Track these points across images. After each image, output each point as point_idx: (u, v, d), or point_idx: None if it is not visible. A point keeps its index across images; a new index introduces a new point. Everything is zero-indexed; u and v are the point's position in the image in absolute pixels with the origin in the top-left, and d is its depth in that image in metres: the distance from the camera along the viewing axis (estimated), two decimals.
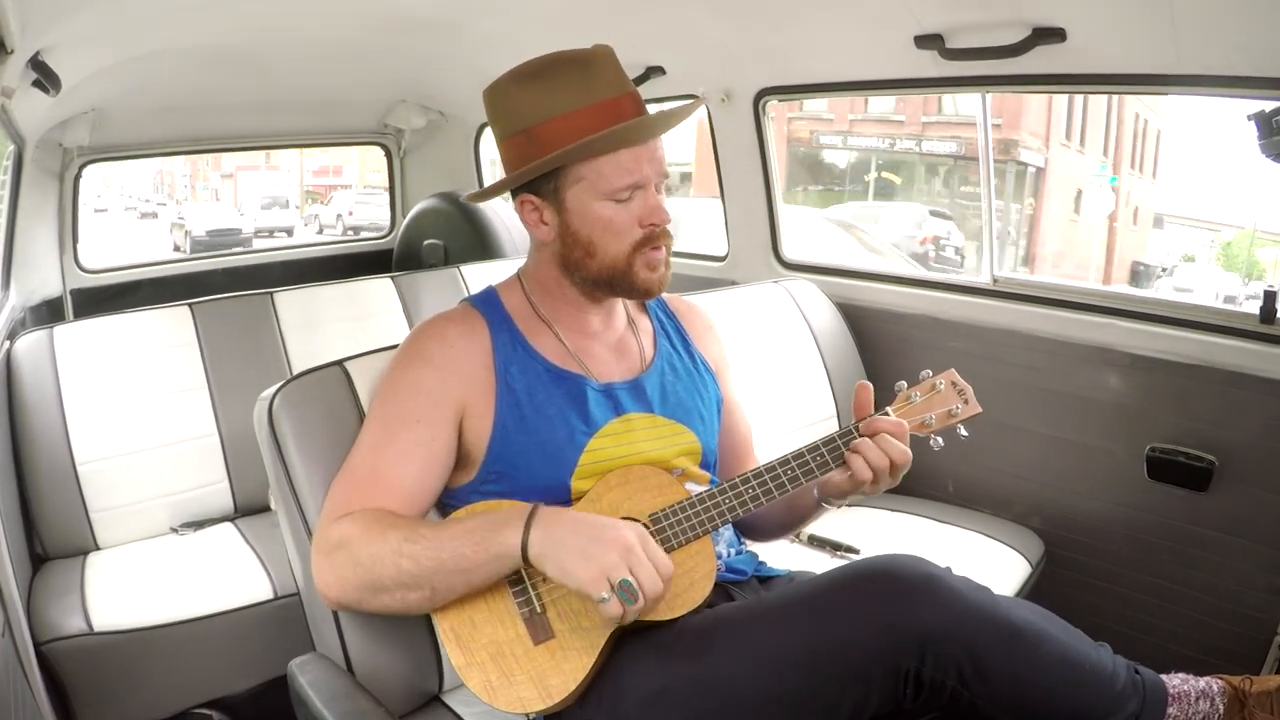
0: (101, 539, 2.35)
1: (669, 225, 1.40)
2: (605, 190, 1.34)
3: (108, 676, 1.96)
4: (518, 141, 1.37)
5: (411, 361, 1.39)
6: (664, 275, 1.41)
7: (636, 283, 1.39)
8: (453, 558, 1.23)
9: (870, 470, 1.30)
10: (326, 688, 1.35)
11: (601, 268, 1.38)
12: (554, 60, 1.36)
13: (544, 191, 1.38)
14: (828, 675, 1.16)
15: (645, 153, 1.35)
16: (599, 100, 1.34)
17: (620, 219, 1.36)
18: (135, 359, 2.47)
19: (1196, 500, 2.03)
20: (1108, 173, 15.88)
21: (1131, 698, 1.19)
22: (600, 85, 1.35)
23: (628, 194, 1.35)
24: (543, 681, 1.25)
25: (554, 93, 1.34)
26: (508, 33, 2.72)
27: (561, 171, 1.35)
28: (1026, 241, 16.47)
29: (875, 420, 1.33)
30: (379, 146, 4.20)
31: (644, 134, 1.35)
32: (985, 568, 2.01)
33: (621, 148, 1.33)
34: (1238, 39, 1.76)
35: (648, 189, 1.36)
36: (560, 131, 1.32)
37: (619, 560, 1.17)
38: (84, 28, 2.15)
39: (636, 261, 1.38)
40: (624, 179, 1.34)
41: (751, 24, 2.40)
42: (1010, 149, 15.49)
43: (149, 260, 3.80)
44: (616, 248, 1.37)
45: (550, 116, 1.33)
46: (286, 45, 2.89)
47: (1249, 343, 1.95)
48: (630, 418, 1.42)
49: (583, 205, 1.36)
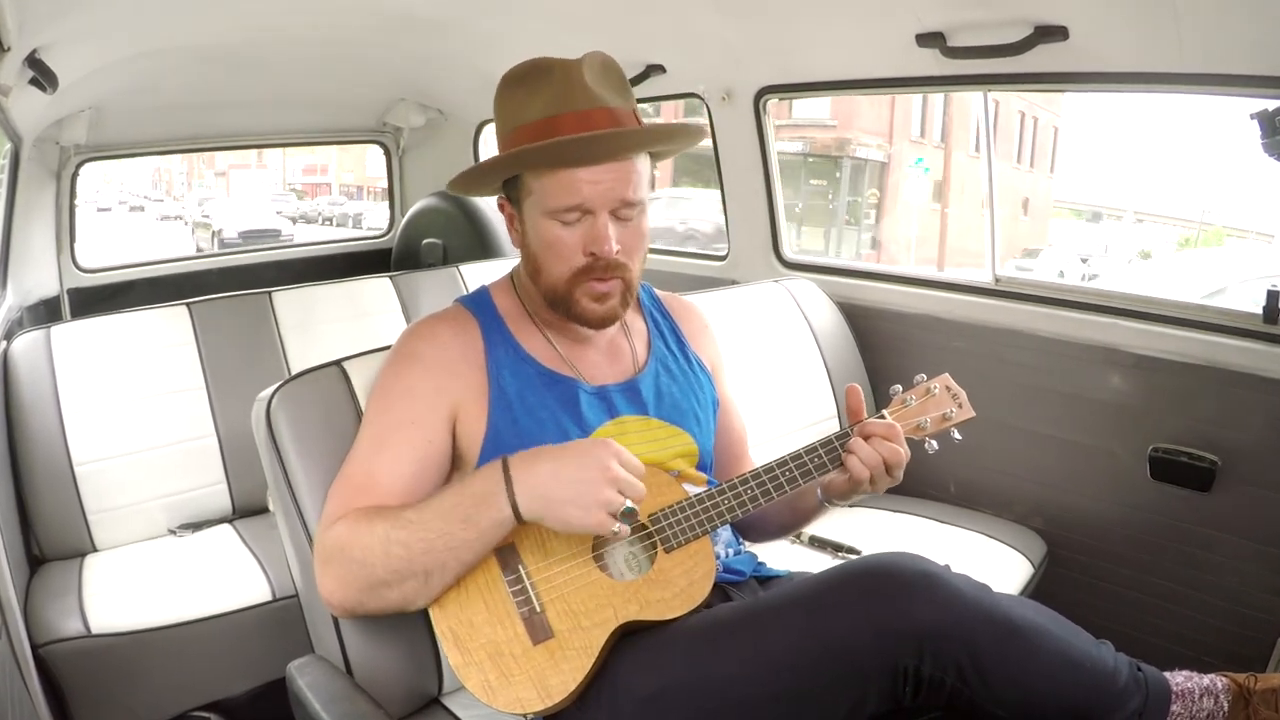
0: (99, 540, 2.34)
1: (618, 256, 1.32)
2: (549, 208, 1.31)
3: (105, 679, 1.95)
4: (502, 143, 1.36)
5: (403, 363, 1.39)
6: (612, 309, 1.36)
7: (575, 310, 1.35)
8: (441, 537, 1.22)
9: (866, 470, 1.30)
10: (325, 690, 1.34)
11: (546, 288, 1.37)
12: (534, 65, 1.34)
13: (513, 199, 1.37)
14: (826, 674, 1.15)
15: (595, 175, 1.28)
16: (566, 111, 1.30)
17: (565, 241, 1.32)
18: (132, 359, 2.46)
19: (1199, 501, 2.03)
20: (923, 164, 17.69)
21: (1134, 695, 1.19)
22: (573, 96, 1.30)
23: (575, 216, 1.30)
24: (542, 681, 1.25)
25: (529, 98, 1.32)
26: (507, 31, 2.71)
27: (519, 181, 1.34)
28: (875, 226, 18.49)
29: (867, 423, 1.33)
30: (378, 145, 4.19)
31: (585, 154, 1.28)
32: (987, 568, 2.00)
33: (568, 164, 1.28)
34: (1241, 37, 1.75)
35: (597, 215, 1.30)
36: (526, 137, 1.30)
37: (611, 493, 1.19)
38: (82, 25, 2.15)
39: (576, 289, 1.34)
40: (564, 199, 1.29)
41: (752, 22, 2.39)
42: (845, 146, 17.25)
43: (146, 259, 3.78)
44: (557, 271, 1.34)
45: (520, 122, 1.32)
46: (285, 43, 2.88)
47: (1252, 343, 1.94)
48: (624, 420, 1.42)
49: (534, 219, 1.34)
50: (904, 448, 1.33)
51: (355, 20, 2.66)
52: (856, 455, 1.31)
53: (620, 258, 1.32)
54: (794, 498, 1.37)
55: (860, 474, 1.31)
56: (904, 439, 1.33)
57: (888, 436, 1.32)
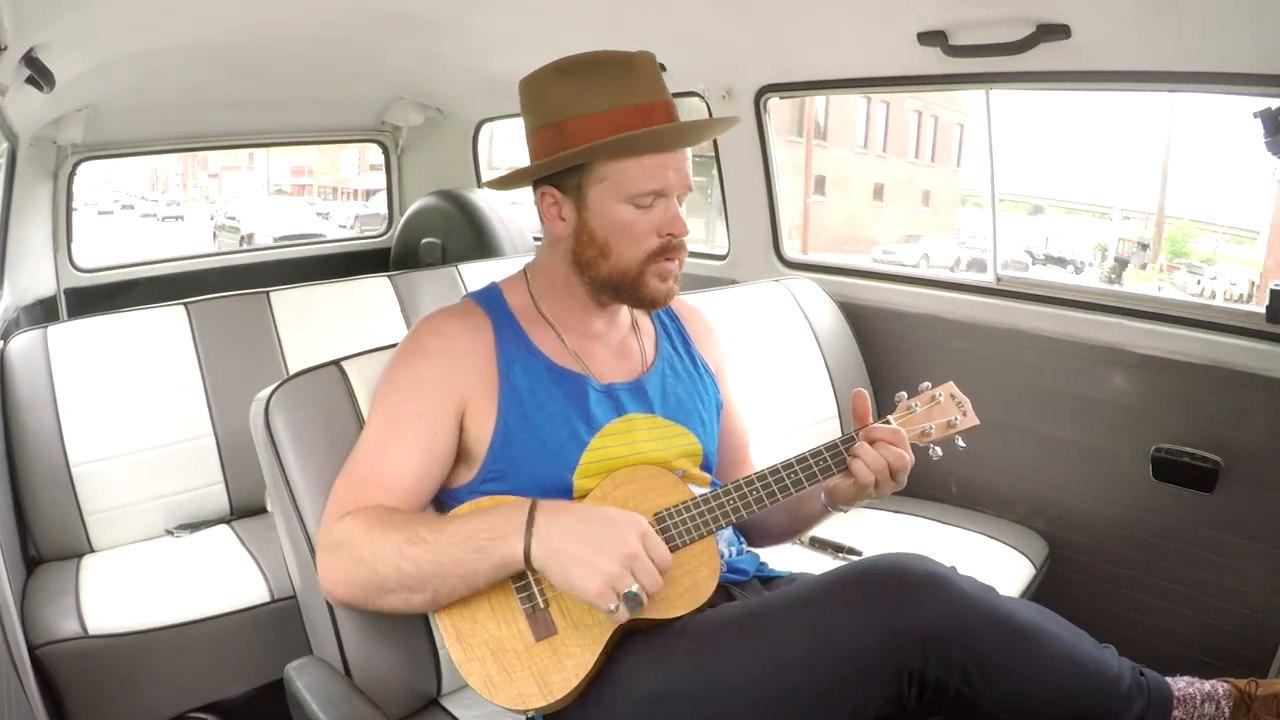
0: (96, 541, 2.33)
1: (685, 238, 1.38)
2: (628, 193, 1.33)
3: (102, 680, 1.94)
4: (546, 134, 1.36)
5: (413, 357, 1.38)
6: (673, 288, 1.40)
7: (645, 292, 1.38)
8: (453, 563, 1.23)
9: (871, 475, 1.30)
10: (324, 691, 1.34)
11: (613, 271, 1.37)
12: (594, 58, 1.36)
13: (567, 186, 1.37)
14: (830, 676, 1.15)
15: (672, 161, 1.34)
16: (633, 103, 1.33)
17: (639, 224, 1.34)
18: (130, 359, 2.45)
19: (1202, 501, 2.02)
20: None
21: (1136, 700, 1.19)
22: (637, 88, 1.34)
23: (649, 200, 1.34)
24: (543, 678, 1.25)
25: (589, 90, 1.33)
26: (507, 29, 2.71)
27: (587, 168, 1.34)
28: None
29: (872, 428, 1.34)
30: (376, 144, 4.18)
31: (675, 141, 1.34)
32: (989, 569, 2.00)
33: (650, 151, 1.32)
34: (1245, 36, 1.75)
35: (670, 198, 1.35)
36: (590, 128, 1.32)
37: (623, 571, 1.17)
38: (79, 24, 2.14)
39: (649, 270, 1.37)
40: (648, 184, 1.32)
41: (753, 20, 2.38)
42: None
43: (144, 259, 3.77)
44: (631, 253, 1.36)
45: (583, 112, 1.33)
46: (283, 42, 2.87)
47: (1256, 342, 1.93)
48: (631, 418, 1.42)
49: (603, 205, 1.35)
50: (908, 453, 1.33)
51: (353, 18, 2.65)
52: (861, 460, 1.31)
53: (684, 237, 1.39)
54: (797, 501, 1.37)
55: (865, 478, 1.31)
56: (909, 444, 1.34)
57: (892, 441, 1.32)
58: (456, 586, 1.25)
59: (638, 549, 1.19)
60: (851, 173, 18.55)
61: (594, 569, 1.17)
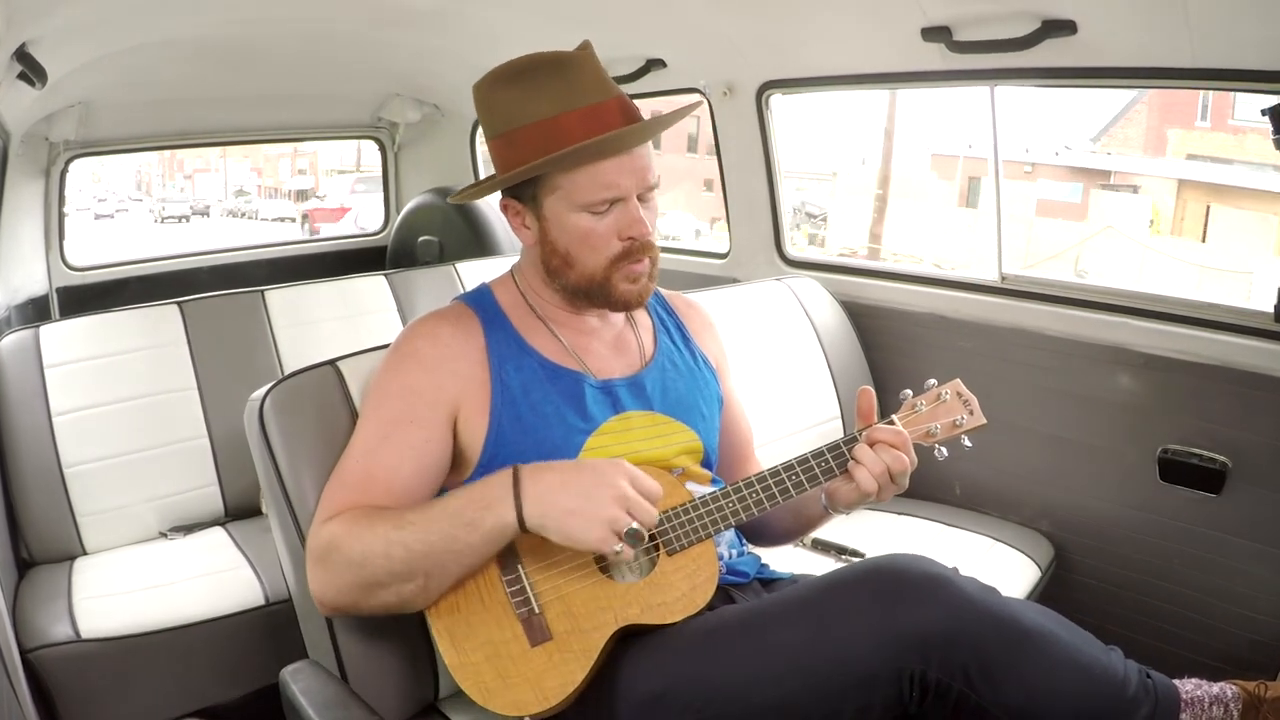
0: (89, 543, 2.32)
1: (650, 236, 1.36)
2: (581, 203, 1.32)
3: (96, 685, 1.93)
4: (498, 145, 1.36)
5: (403, 361, 1.37)
6: (645, 287, 1.39)
7: (614, 295, 1.37)
8: (443, 540, 1.21)
9: (871, 479, 1.28)
10: (319, 696, 1.33)
11: (580, 279, 1.37)
12: (531, 62, 1.34)
13: (524, 198, 1.37)
14: (831, 679, 1.14)
15: (626, 164, 1.31)
16: (580, 105, 1.30)
17: (598, 231, 1.33)
18: (123, 359, 2.43)
19: (1210, 503, 2.00)
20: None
21: (1143, 703, 1.17)
22: (580, 90, 1.31)
23: (605, 207, 1.32)
24: (539, 684, 1.24)
25: (532, 96, 1.31)
26: (505, 24, 2.70)
27: (540, 180, 1.33)
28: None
29: (875, 430, 1.31)
30: (373, 141, 4.16)
31: (622, 145, 1.31)
32: (993, 572, 1.98)
33: (598, 160, 1.30)
34: (1252, 32, 1.73)
35: (628, 200, 1.33)
36: (536, 137, 1.30)
37: (618, 512, 1.18)
38: (71, 19, 2.13)
39: (615, 275, 1.36)
40: (600, 193, 1.31)
41: (754, 15, 2.36)
42: None
43: (136, 257, 3.76)
44: (594, 261, 1.35)
45: (528, 121, 1.31)
46: (277, 38, 2.86)
47: (1263, 342, 1.91)
48: (628, 415, 1.41)
49: (559, 215, 1.34)
50: (911, 455, 1.30)
51: (349, 13, 2.65)
52: (862, 462, 1.29)
53: (649, 237, 1.36)
54: (798, 503, 1.36)
55: (866, 484, 1.28)
56: (912, 447, 1.31)
57: (894, 444, 1.29)
58: (449, 566, 1.23)
59: (626, 488, 1.20)
60: (676, 172, 18.41)
61: (590, 518, 1.18)
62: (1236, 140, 11.49)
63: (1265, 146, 10.78)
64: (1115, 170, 12.72)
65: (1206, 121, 11.84)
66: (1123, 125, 13.06)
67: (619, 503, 1.19)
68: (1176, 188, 11.96)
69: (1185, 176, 11.55)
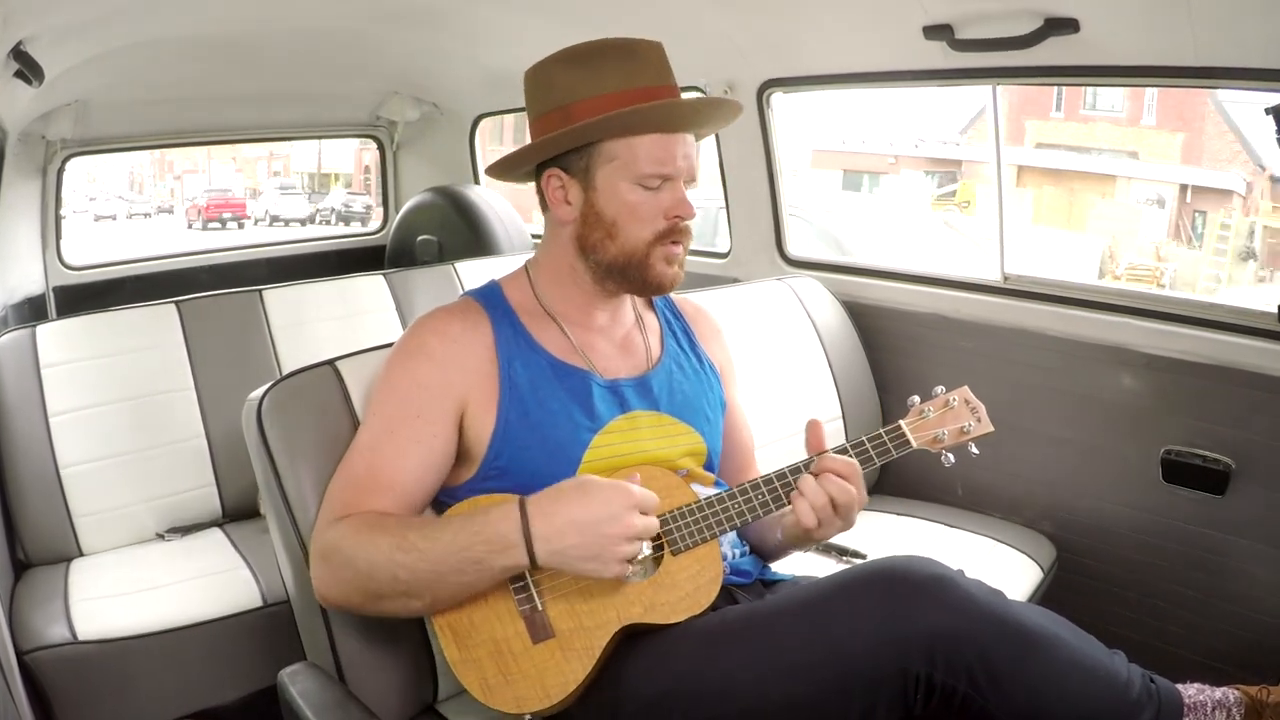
0: (85, 545, 2.30)
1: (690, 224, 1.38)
2: (637, 174, 1.34)
3: (92, 687, 1.92)
4: (553, 119, 1.36)
5: (411, 356, 1.37)
6: (678, 273, 1.40)
7: (651, 275, 1.38)
8: (452, 572, 1.22)
9: (811, 512, 1.26)
10: (317, 698, 1.33)
11: (620, 252, 1.37)
12: (602, 45, 1.37)
13: (574, 168, 1.37)
14: (834, 681, 1.14)
15: (681, 145, 1.35)
16: (641, 85, 1.34)
17: (647, 206, 1.35)
18: (120, 358, 2.42)
19: (1213, 504, 2.00)
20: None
21: (1146, 707, 1.18)
22: (645, 72, 1.35)
23: (657, 182, 1.34)
24: (541, 681, 1.24)
25: (597, 73, 1.34)
26: (505, 23, 2.70)
27: (595, 149, 1.34)
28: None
29: (825, 459, 1.29)
30: (371, 139, 4.15)
31: (684, 121, 1.36)
32: (995, 573, 1.97)
33: (660, 130, 1.34)
34: (1256, 30, 1.72)
35: (677, 182, 1.36)
36: (599, 107, 1.32)
37: (629, 549, 1.20)
38: (68, 17, 2.13)
39: (655, 253, 1.37)
40: (657, 166, 1.34)
41: (755, 14, 2.36)
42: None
43: (133, 257, 3.75)
44: (638, 234, 1.36)
45: (591, 94, 1.33)
46: (276, 35, 2.85)
47: (1267, 342, 1.90)
48: (635, 415, 1.41)
49: (612, 185, 1.35)
50: (860, 489, 1.29)
51: (348, 11, 2.65)
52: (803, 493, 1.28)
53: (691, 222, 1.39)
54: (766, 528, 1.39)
55: (805, 518, 1.27)
56: (861, 480, 1.29)
57: (844, 474, 1.27)
58: (456, 593, 1.25)
59: (636, 520, 1.20)
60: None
61: (607, 561, 1.19)
62: (1086, 129, 12.35)
63: (1110, 133, 11.42)
64: (965, 160, 13.45)
65: (1060, 113, 12.67)
66: (985, 119, 13.52)
67: (631, 539, 1.20)
68: (1017, 173, 12.89)
69: (1022, 163, 12.64)
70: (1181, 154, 11.37)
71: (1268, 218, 10.86)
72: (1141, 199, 11.72)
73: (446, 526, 1.26)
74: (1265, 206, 10.93)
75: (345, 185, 18.98)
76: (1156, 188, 11.62)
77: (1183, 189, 11.17)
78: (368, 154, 18.12)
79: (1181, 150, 11.42)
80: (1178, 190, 11.23)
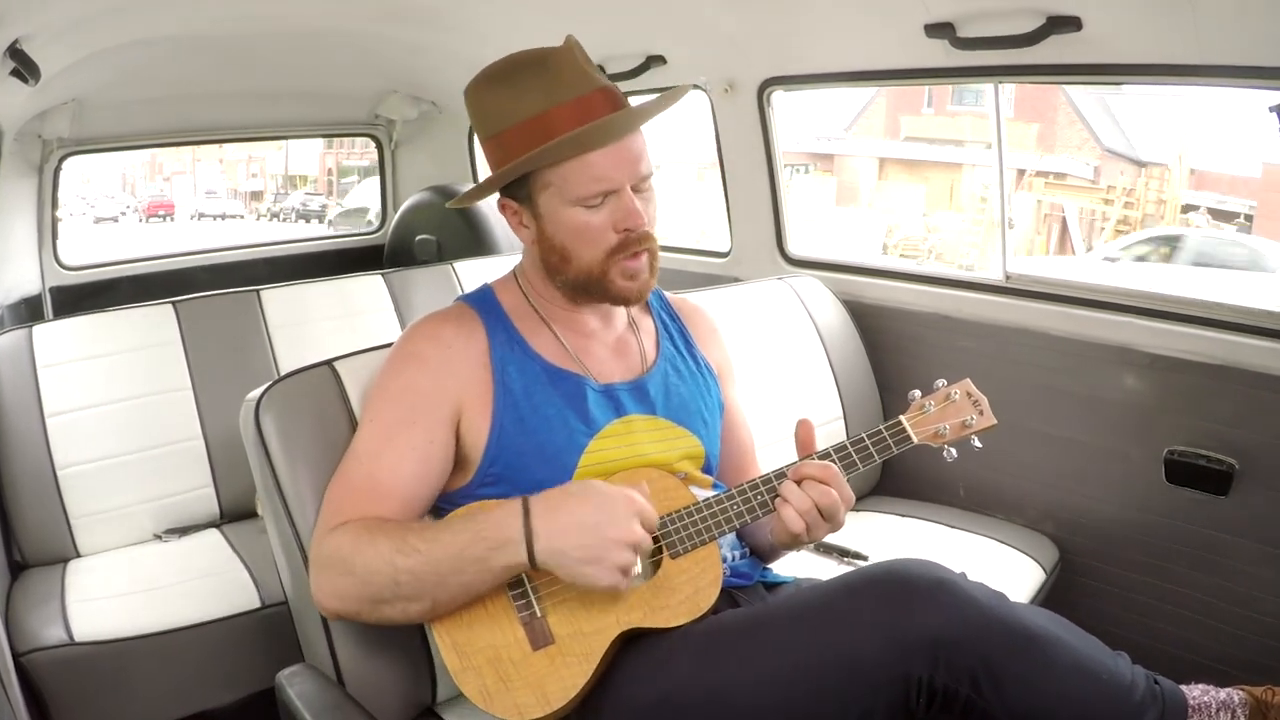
0: (82, 545, 2.29)
1: (647, 227, 1.34)
2: (572, 197, 1.31)
3: (89, 688, 1.91)
4: (491, 146, 1.35)
5: (405, 363, 1.37)
6: (645, 282, 1.37)
7: (612, 290, 1.36)
8: (453, 574, 1.21)
9: (798, 518, 1.26)
10: (316, 700, 1.32)
11: (578, 274, 1.36)
12: (513, 62, 1.34)
13: (519, 196, 1.36)
14: (835, 684, 1.14)
15: (615, 154, 1.30)
16: (563, 100, 1.29)
17: (593, 225, 1.32)
18: (117, 359, 2.41)
19: (1216, 505, 1.98)
20: None
21: (1150, 708, 1.17)
22: (563, 84, 1.30)
23: (599, 199, 1.31)
24: (541, 688, 1.23)
25: (517, 96, 1.31)
26: (503, 21, 2.69)
27: (531, 177, 1.33)
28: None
29: (802, 465, 1.29)
30: (370, 138, 4.15)
31: (606, 134, 1.29)
32: (998, 574, 1.97)
33: (588, 150, 1.29)
34: (1260, 29, 1.71)
35: (622, 192, 1.31)
36: (525, 136, 1.29)
37: (630, 558, 1.19)
38: (65, 15, 2.13)
39: (612, 270, 1.34)
40: (591, 186, 1.30)
41: (756, 11, 2.35)
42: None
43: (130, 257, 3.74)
44: (590, 255, 1.34)
45: (515, 120, 1.31)
46: (273, 34, 2.86)
47: (1271, 342, 1.89)
48: (631, 419, 1.40)
49: (554, 212, 1.33)
50: (844, 490, 1.28)
51: (345, 9, 2.65)
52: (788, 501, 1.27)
53: (646, 228, 1.34)
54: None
55: (793, 524, 1.26)
56: (843, 482, 1.29)
57: (822, 479, 1.27)
58: (457, 595, 1.24)
59: (637, 530, 1.20)
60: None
61: (606, 567, 1.18)
62: (954, 123, 13.04)
63: (975, 126, 12.14)
64: (836, 154, 14.33)
65: (931, 109, 13.34)
66: (868, 115, 14.46)
67: (632, 547, 1.19)
68: (879, 165, 14.07)
69: (884, 155, 13.68)
70: (1036, 142, 12.19)
71: (1042, 192, 12.15)
72: (980, 185, 12.79)
73: (447, 528, 1.26)
74: (1039, 184, 12.20)
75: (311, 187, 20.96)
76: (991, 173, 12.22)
77: (1020, 173, 11.84)
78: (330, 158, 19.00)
79: (1036, 139, 12.16)
80: (1015, 174, 11.89)
